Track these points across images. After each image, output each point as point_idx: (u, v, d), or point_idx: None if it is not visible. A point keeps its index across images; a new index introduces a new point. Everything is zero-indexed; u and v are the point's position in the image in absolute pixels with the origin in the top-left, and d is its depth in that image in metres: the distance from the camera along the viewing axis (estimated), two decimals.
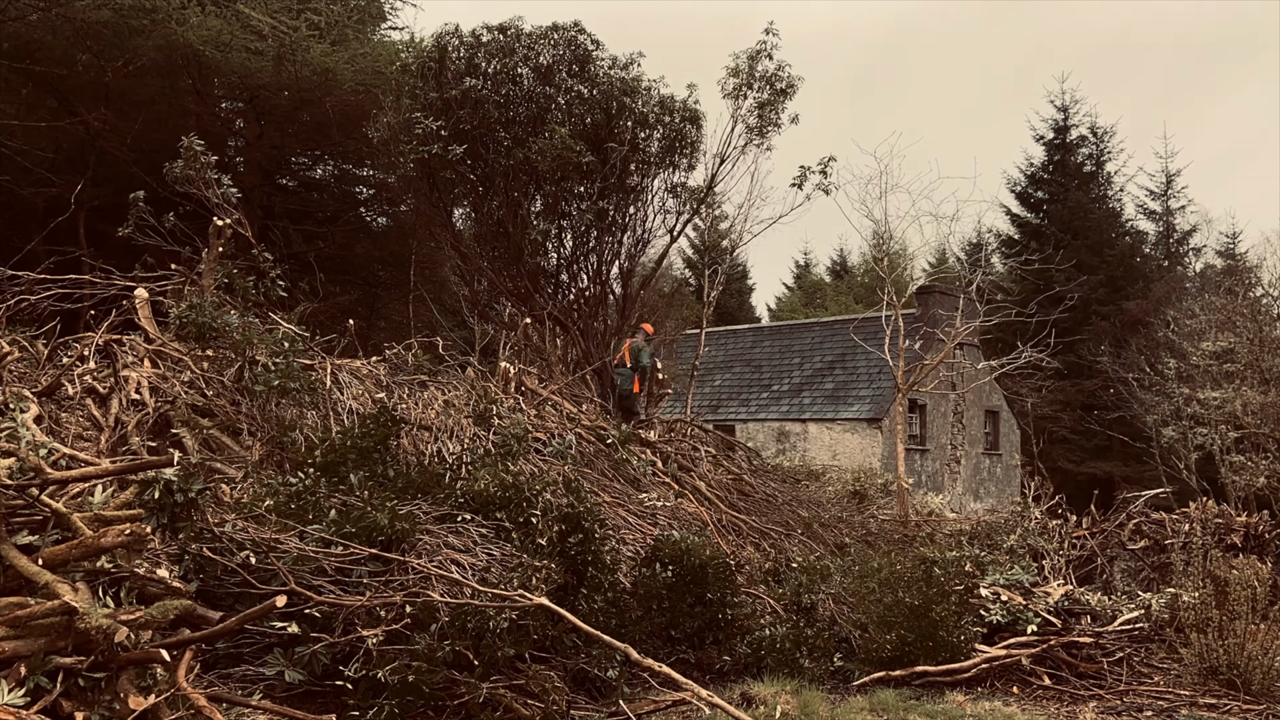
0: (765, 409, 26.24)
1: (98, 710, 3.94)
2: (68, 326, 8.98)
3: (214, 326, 8.66)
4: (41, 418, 6.70)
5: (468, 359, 13.25)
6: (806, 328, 29.45)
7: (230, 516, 5.71)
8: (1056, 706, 6.30)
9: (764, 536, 10.31)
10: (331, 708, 4.96)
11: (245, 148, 17.80)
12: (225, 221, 9.87)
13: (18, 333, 8.51)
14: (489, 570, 5.96)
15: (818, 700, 5.97)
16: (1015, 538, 10.32)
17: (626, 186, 14.68)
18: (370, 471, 7.09)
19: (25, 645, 3.93)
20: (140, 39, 14.29)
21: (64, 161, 15.51)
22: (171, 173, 10.32)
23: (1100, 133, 36.35)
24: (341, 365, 9.21)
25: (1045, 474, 18.67)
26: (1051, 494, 12.53)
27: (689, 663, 6.87)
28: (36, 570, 4.27)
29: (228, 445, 7.53)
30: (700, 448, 12.58)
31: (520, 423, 8.95)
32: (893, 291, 16.42)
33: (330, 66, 15.31)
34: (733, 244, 18.84)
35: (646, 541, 7.72)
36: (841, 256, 51.96)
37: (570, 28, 14.38)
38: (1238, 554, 8.88)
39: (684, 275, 44.97)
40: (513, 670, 5.41)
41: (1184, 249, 37.41)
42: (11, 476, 4.70)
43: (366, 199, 20.38)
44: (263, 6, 15.23)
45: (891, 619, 6.91)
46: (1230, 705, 6.19)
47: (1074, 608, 7.83)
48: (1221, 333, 24.57)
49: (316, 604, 5.15)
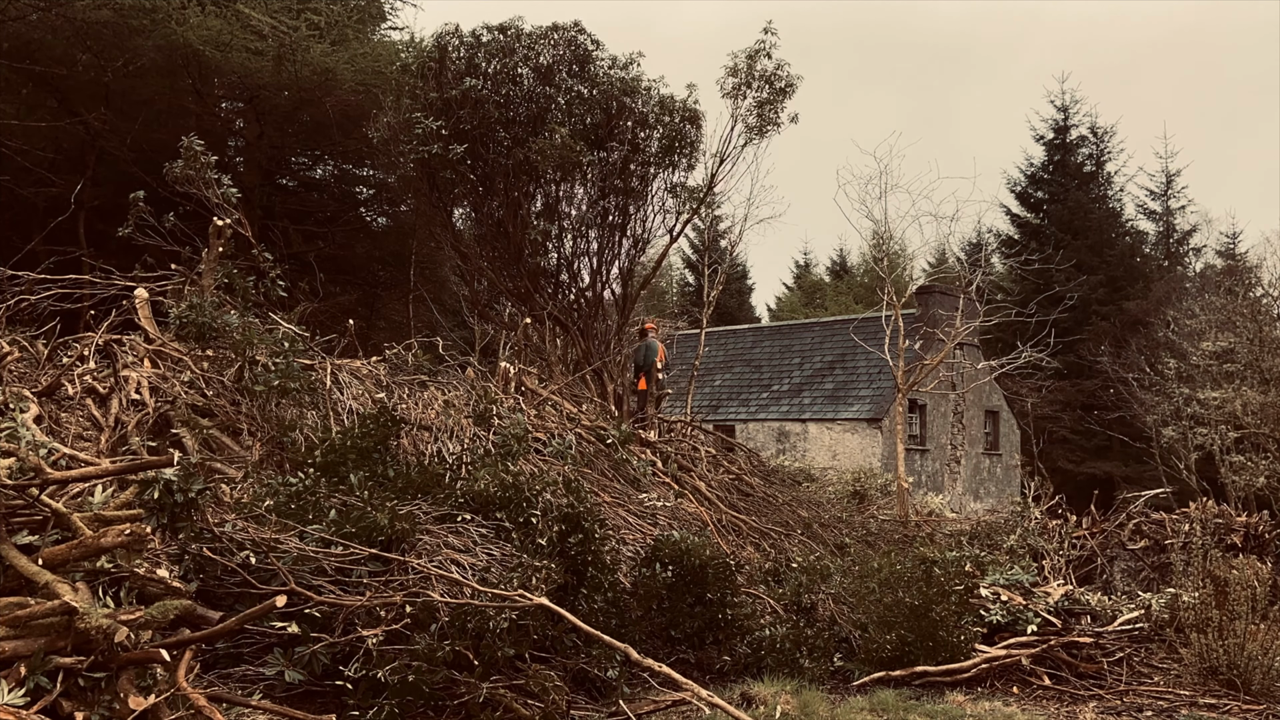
0: (765, 409, 26.23)
1: (98, 710, 3.94)
2: (68, 326, 8.98)
3: (214, 326, 8.65)
4: (41, 418, 6.70)
5: (468, 359, 13.25)
6: (806, 328, 29.44)
7: (230, 516, 5.70)
8: (1056, 706, 6.30)
9: (764, 537, 10.32)
10: (331, 708, 4.96)
11: (245, 148, 17.80)
12: (225, 221, 9.87)
13: (18, 333, 8.51)
14: (489, 570, 5.96)
15: (818, 700, 5.97)
16: (1015, 538, 10.32)
17: (627, 187, 14.68)
18: (370, 471, 7.09)
19: (25, 645, 3.93)
20: (140, 39, 14.28)
21: (64, 161, 15.51)
22: (171, 173, 10.32)
23: (1100, 133, 36.39)
24: (341, 365, 9.21)
25: (1045, 474, 18.67)
26: (1051, 494, 12.54)
27: (689, 663, 6.86)
28: (36, 570, 4.27)
29: (228, 445, 7.53)
30: (700, 448, 12.59)
31: (520, 423, 8.95)
32: (893, 291, 16.42)
33: (330, 66, 15.31)
34: (732, 243, 18.86)
35: (646, 541, 7.71)
36: (841, 256, 51.99)
37: (570, 28, 14.40)
38: (1238, 554, 8.88)
39: (684, 275, 45.04)
40: (513, 670, 5.41)
41: (1184, 249, 37.42)
42: (11, 476, 4.70)
43: (366, 199, 20.38)
44: (263, 6, 15.23)
45: (891, 619, 6.91)
46: (1230, 705, 6.19)
47: (1074, 608, 7.84)
48: (1221, 333, 24.58)
49: (316, 604, 5.15)
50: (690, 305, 33.61)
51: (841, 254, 51.97)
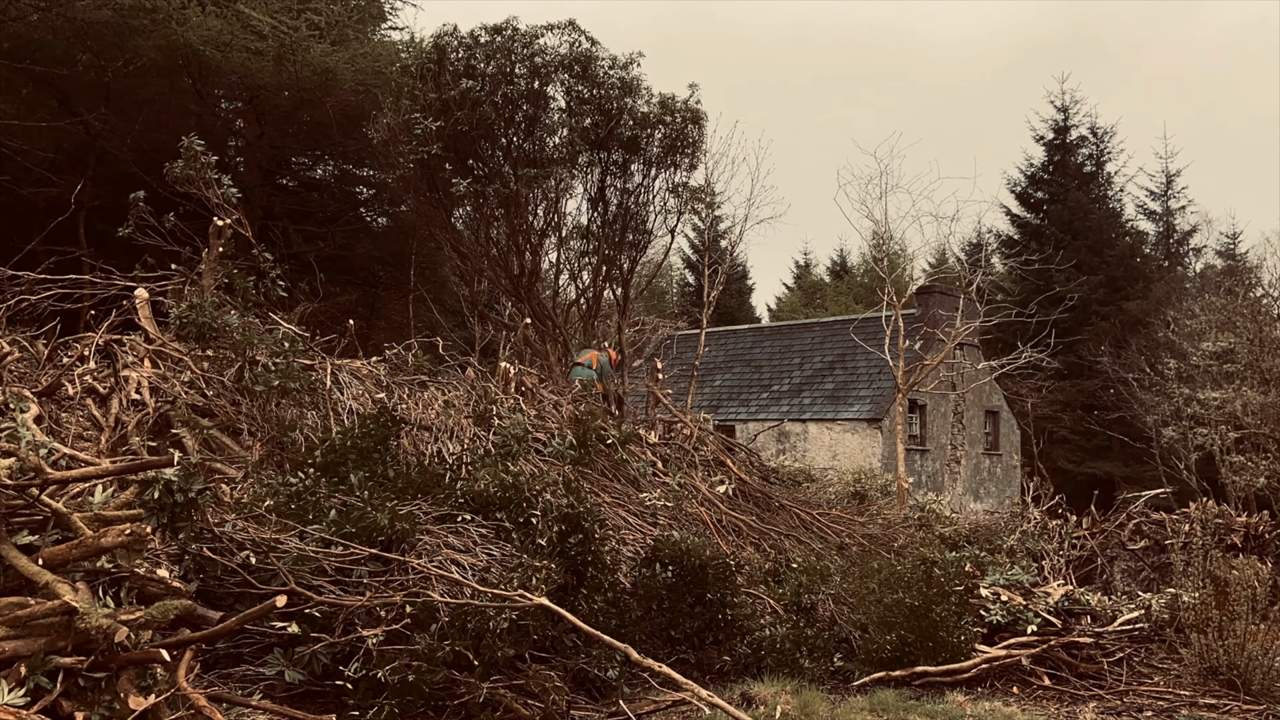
0: (765, 409, 26.23)
1: (98, 710, 3.94)
2: (68, 326, 8.97)
3: (214, 326, 8.65)
4: (41, 418, 6.69)
5: (468, 359, 13.24)
6: (806, 328, 29.43)
7: (230, 516, 5.70)
8: (1056, 707, 6.30)
9: (764, 537, 10.30)
10: (331, 708, 4.96)
11: (245, 148, 17.79)
12: (225, 221, 9.86)
13: (18, 333, 8.51)
14: (489, 570, 5.96)
15: (818, 700, 5.97)
16: (1015, 538, 10.33)
17: (627, 187, 14.68)
18: (370, 471, 7.09)
19: (25, 645, 3.93)
20: (140, 39, 14.28)
21: (64, 161, 15.50)
22: (172, 173, 10.31)
23: (1100, 133, 36.37)
24: (341, 365, 9.21)
25: (1045, 474, 18.68)
26: (1051, 494, 12.54)
27: (689, 663, 6.86)
28: (36, 570, 4.27)
29: (228, 445, 7.53)
30: (699, 450, 12.55)
31: (520, 423, 8.95)
32: (893, 291, 16.42)
33: (330, 66, 15.30)
34: (732, 244, 18.85)
35: (646, 541, 7.71)
36: (841, 256, 51.99)
37: (566, 27, 14.35)
38: (1238, 554, 8.88)
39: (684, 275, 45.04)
40: (513, 670, 5.41)
41: (1184, 249, 37.42)
42: (11, 476, 4.70)
43: (366, 199, 20.37)
44: (263, 6, 15.22)
45: (892, 619, 6.91)
46: (1230, 705, 6.18)
47: (1074, 608, 7.84)
48: (1221, 333, 24.58)
49: (316, 604, 5.15)
50: (690, 305, 33.59)
51: (842, 254, 52.00)
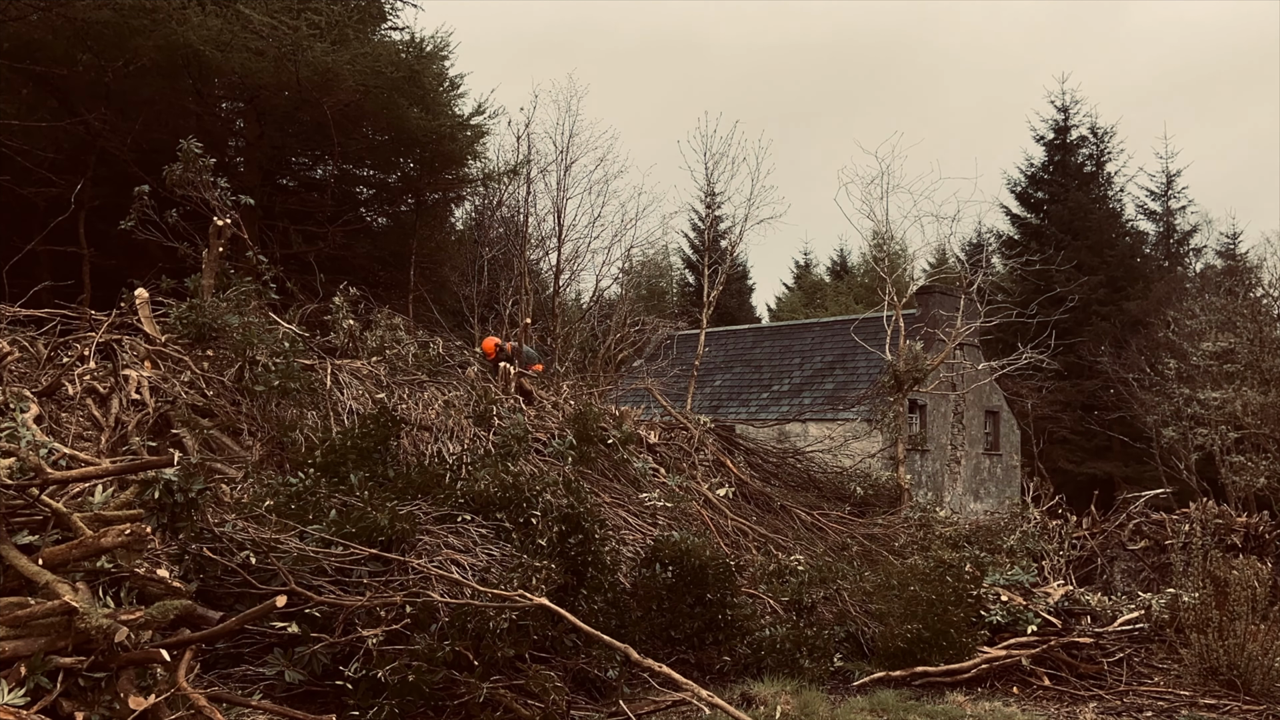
0: (765, 409, 26.21)
1: (98, 710, 3.94)
2: (68, 326, 8.98)
3: (214, 326, 8.65)
4: (42, 418, 6.69)
5: (468, 359, 13.23)
6: (807, 328, 29.41)
7: (230, 516, 5.70)
8: (1056, 707, 6.30)
9: (764, 537, 10.30)
10: (331, 708, 4.96)
11: (245, 148, 17.79)
12: (225, 221, 9.87)
13: (18, 333, 8.51)
14: (489, 570, 5.96)
15: (818, 700, 5.97)
16: (1015, 538, 10.32)
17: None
18: (370, 472, 7.09)
19: (25, 645, 3.93)
20: (140, 39, 14.27)
21: (64, 161, 15.49)
22: (170, 176, 10.31)
23: (1100, 133, 36.34)
24: (341, 365, 9.21)
25: (1045, 474, 18.68)
26: (1051, 494, 12.54)
27: (689, 663, 6.86)
28: (36, 570, 4.26)
29: (228, 445, 7.53)
30: (699, 451, 12.55)
31: (520, 423, 8.95)
32: (893, 292, 16.42)
33: (330, 66, 15.29)
34: (732, 243, 18.85)
35: (646, 542, 7.71)
36: (841, 256, 51.94)
37: None
38: (1238, 554, 8.88)
39: (684, 275, 45.03)
40: (513, 670, 5.41)
41: (1184, 249, 37.38)
42: (12, 476, 4.70)
43: (366, 199, 20.36)
44: (263, 6, 15.22)
45: (913, 611, 6.98)
46: (1230, 705, 6.18)
47: (1074, 608, 7.84)
48: (1221, 333, 24.57)
49: (316, 604, 5.15)
50: (690, 305, 33.58)
51: (842, 254, 51.95)
